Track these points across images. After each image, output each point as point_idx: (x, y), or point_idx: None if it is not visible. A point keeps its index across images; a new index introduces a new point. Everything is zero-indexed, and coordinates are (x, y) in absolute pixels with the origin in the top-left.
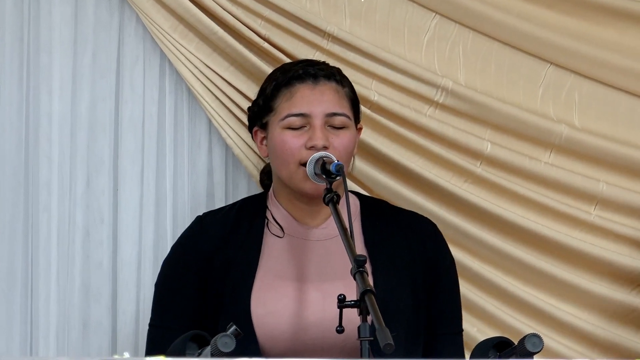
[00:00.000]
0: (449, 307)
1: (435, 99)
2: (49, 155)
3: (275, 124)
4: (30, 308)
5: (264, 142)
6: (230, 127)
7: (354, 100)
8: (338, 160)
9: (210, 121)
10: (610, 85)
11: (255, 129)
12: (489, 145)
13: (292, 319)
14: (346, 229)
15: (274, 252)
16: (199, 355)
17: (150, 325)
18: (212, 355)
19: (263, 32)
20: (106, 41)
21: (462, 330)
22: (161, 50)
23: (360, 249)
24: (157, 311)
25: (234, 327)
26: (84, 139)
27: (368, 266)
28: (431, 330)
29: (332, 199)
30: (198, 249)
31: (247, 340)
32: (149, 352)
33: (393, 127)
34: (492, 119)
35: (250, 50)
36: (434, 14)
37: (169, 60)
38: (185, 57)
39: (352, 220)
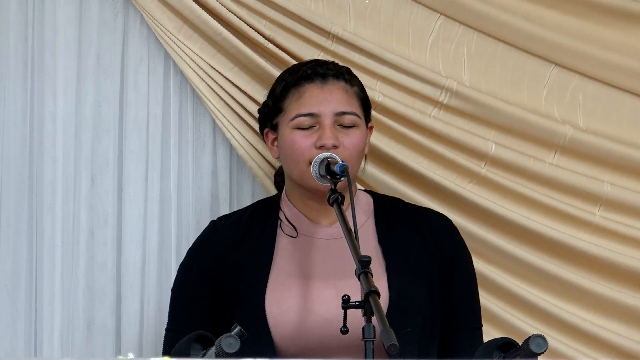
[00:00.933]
0: (467, 302)
1: (440, 100)
2: (53, 156)
3: (285, 124)
4: (35, 308)
5: (275, 143)
6: (235, 127)
7: (364, 99)
8: (343, 162)
9: (214, 122)
10: (614, 86)
11: (266, 130)
12: (494, 146)
13: (306, 317)
14: (350, 229)
15: (287, 251)
16: (203, 356)
17: (167, 329)
18: (217, 355)
19: (267, 32)
20: (110, 42)
21: (481, 325)
22: (165, 51)
23: (373, 247)
24: (173, 316)
25: (238, 327)
26: (88, 140)
27: (382, 263)
28: (450, 326)
29: (336, 200)
30: (211, 253)
31: (262, 339)
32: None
33: (397, 128)
34: (497, 120)
35: (255, 51)
36: (439, 14)
37: (174, 61)
38: (190, 58)
39: (366, 219)
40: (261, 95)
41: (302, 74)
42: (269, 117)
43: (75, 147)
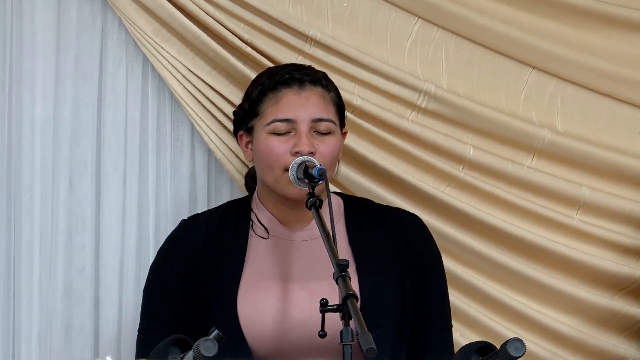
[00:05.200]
0: (437, 302)
1: (418, 103)
2: (32, 159)
3: (261, 128)
4: (13, 312)
5: (249, 146)
6: (213, 131)
7: (340, 105)
8: (321, 165)
9: (192, 125)
10: (592, 90)
11: (240, 132)
12: (472, 150)
13: (279, 319)
14: (328, 233)
15: (259, 253)
16: (181, 359)
17: (139, 329)
18: (195, 359)
19: (246, 36)
20: (89, 45)
21: (451, 325)
22: (144, 54)
23: (344, 248)
24: (145, 315)
25: (216, 331)
26: (67, 143)
27: (352, 265)
28: (420, 326)
29: (314, 203)
30: (184, 252)
31: (236, 340)
32: (138, 356)
33: (375, 132)
34: (475, 123)
35: (233, 54)
36: (417, 18)
37: (152, 64)
38: (168, 61)
39: (336, 221)
40: (239, 99)
41: (279, 79)
42: (245, 119)
43: (54, 150)
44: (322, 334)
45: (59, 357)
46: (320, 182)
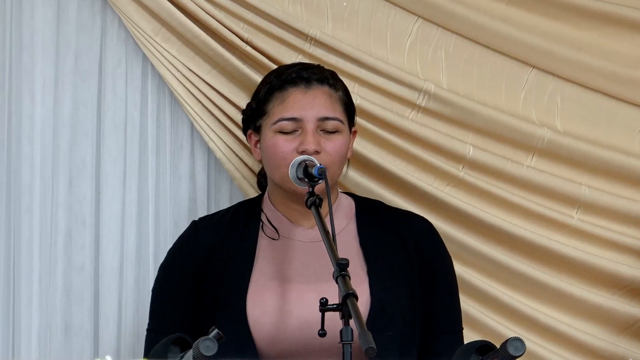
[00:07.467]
0: (448, 305)
1: (418, 103)
2: (31, 158)
3: (268, 127)
4: (12, 311)
5: (258, 145)
6: (213, 130)
7: (348, 104)
8: (321, 164)
9: (192, 125)
10: (592, 89)
11: (249, 132)
12: (471, 149)
13: (286, 320)
14: (328, 232)
15: (268, 253)
16: (180, 358)
17: (148, 330)
18: (194, 358)
19: (245, 35)
20: (88, 44)
21: (462, 328)
22: (143, 54)
23: (355, 250)
24: (154, 316)
25: (215, 330)
26: (66, 142)
27: (363, 267)
28: (430, 329)
29: (314, 203)
30: (194, 253)
31: (244, 341)
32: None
33: (375, 131)
34: (474, 123)
35: (233, 53)
36: (416, 17)
37: (151, 64)
38: (168, 61)
39: (347, 222)
40: (239, 98)
41: (286, 78)
42: (253, 119)
43: (53, 149)
44: (322, 333)
45: (58, 356)
46: (320, 181)
